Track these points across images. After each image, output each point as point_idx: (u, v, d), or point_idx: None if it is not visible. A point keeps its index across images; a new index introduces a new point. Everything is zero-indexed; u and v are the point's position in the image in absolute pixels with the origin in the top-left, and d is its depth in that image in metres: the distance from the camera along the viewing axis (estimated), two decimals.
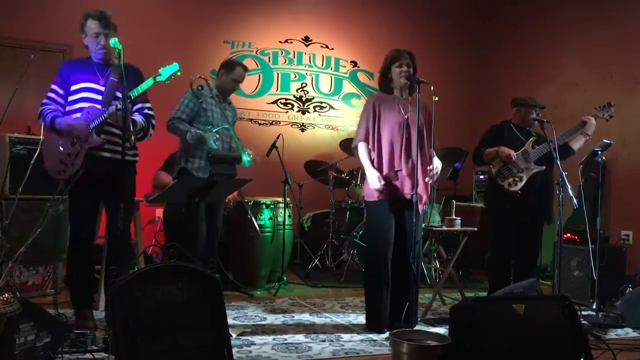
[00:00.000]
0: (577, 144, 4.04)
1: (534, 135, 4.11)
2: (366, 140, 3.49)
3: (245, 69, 4.19)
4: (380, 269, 3.45)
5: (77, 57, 3.29)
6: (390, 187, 3.42)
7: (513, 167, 3.99)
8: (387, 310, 3.47)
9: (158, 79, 3.02)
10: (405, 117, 3.46)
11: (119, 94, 3.09)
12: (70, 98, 3.16)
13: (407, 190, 3.41)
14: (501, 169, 4.03)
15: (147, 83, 3.03)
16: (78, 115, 3.09)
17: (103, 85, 3.13)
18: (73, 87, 3.15)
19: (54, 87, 3.19)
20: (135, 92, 3.02)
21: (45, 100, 3.18)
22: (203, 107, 3.93)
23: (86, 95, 3.12)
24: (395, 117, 3.45)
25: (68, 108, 3.16)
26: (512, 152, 3.97)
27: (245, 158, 3.65)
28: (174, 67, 3.02)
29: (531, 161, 3.98)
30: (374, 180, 3.39)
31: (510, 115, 4.25)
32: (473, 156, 4.29)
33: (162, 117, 3.73)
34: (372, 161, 3.46)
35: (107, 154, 3.10)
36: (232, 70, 4.09)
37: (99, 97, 3.11)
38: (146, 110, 3.26)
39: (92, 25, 3.10)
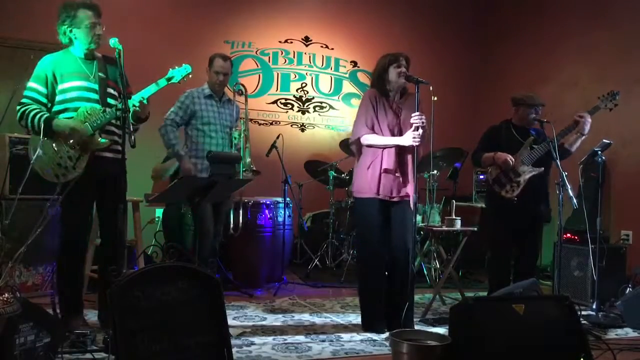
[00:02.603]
0: (573, 144, 3.97)
1: (533, 135, 4.09)
2: (373, 130, 3.43)
3: (225, 58, 4.08)
4: (374, 268, 3.45)
5: (55, 52, 3.09)
6: (383, 185, 3.40)
7: (511, 172, 3.96)
8: (382, 309, 3.46)
9: (172, 81, 3.02)
10: (399, 119, 3.45)
11: (110, 90, 3.06)
12: (62, 97, 3.00)
13: (396, 193, 3.41)
14: (498, 174, 4.00)
15: (159, 84, 3.01)
16: (72, 115, 2.98)
17: (94, 82, 3.03)
18: (63, 86, 2.99)
19: (34, 85, 2.99)
20: (145, 93, 2.97)
21: (24, 100, 2.98)
22: (199, 109, 3.95)
23: (83, 95, 3.01)
24: (388, 118, 3.44)
25: (59, 107, 3.01)
26: (509, 158, 3.92)
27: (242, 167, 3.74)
28: (186, 68, 3.03)
29: (529, 164, 3.96)
30: (406, 137, 3.30)
31: (511, 115, 4.23)
32: (471, 159, 4.28)
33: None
34: (371, 163, 3.43)
35: (109, 154, 3.05)
36: (212, 64, 4.04)
37: (95, 96, 3.03)
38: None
39: (85, 15, 2.97)
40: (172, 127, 3.94)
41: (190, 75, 3.05)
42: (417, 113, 3.26)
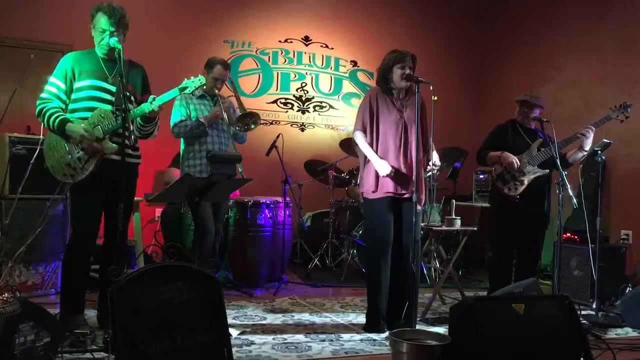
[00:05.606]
0: (574, 157, 3.99)
1: (541, 137, 4.07)
2: (364, 132, 3.47)
3: (226, 66, 4.06)
4: (382, 267, 3.44)
5: (81, 50, 3.13)
6: (390, 182, 3.40)
7: (515, 171, 3.97)
8: (386, 310, 3.47)
9: (185, 91, 3.04)
10: (403, 116, 3.46)
11: (127, 94, 3.05)
12: (76, 96, 3.03)
13: (403, 190, 3.42)
14: (502, 172, 4.01)
15: (173, 93, 3.02)
16: (86, 115, 3.00)
17: (112, 84, 3.04)
18: (79, 84, 3.02)
19: (55, 81, 3.03)
20: (159, 101, 2.97)
21: (44, 95, 3.02)
22: (194, 111, 3.94)
23: (95, 95, 3.02)
24: (392, 116, 3.44)
25: (73, 106, 3.04)
26: (515, 160, 3.92)
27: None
28: (201, 80, 3.04)
29: (535, 164, 3.95)
30: (382, 166, 3.33)
31: (513, 114, 4.22)
32: (476, 156, 4.25)
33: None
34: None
35: (117, 157, 3.01)
36: (212, 69, 4.00)
37: (109, 97, 3.04)
38: None
39: (101, 20, 2.98)
40: (183, 124, 3.93)
41: (204, 87, 3.07)
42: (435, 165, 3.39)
